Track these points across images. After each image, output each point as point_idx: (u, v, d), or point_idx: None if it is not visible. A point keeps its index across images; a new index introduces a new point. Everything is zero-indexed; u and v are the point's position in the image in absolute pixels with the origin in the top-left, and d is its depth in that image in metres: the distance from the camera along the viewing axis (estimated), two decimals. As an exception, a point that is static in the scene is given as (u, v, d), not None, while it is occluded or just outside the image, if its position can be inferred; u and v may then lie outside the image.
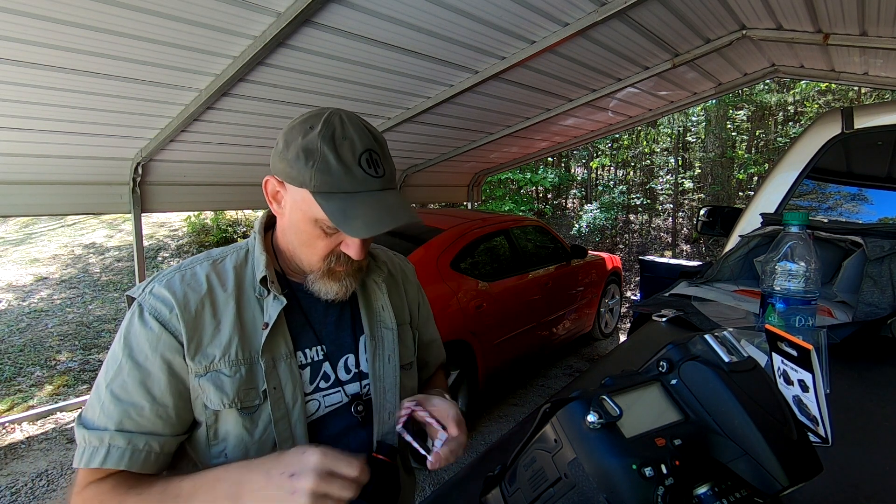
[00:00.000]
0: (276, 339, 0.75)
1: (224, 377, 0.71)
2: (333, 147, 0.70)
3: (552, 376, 4.36)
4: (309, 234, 0.75)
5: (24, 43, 1.98)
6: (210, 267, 0.77)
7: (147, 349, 0.70)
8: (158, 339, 0.70)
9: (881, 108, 1.87)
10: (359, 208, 0.70)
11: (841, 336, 1.08)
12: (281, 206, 0.78)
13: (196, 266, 0.77)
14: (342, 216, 0.69)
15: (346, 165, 0.70)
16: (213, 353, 0.72)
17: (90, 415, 0.69)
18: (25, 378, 4.35)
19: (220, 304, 0.74)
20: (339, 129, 0.71)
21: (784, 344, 0.73)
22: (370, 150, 0.72)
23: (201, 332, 0.72)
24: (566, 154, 10.68)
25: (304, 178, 0.71)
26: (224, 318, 0.74)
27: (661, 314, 1.36)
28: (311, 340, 0.80)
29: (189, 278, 0.75)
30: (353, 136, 0.71)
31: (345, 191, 0.70)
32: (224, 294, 0.75)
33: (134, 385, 0.69)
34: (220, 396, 0.71)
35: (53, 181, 3.11)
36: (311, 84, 2.94)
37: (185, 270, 0.77)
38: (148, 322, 0.71)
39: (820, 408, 0.68)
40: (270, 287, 0.76)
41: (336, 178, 0.70)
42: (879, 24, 2.74)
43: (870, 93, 8.01)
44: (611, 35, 3.15)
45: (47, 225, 9.78)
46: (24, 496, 2.68)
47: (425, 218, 3.89)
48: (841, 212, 1.93)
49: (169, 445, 0.71)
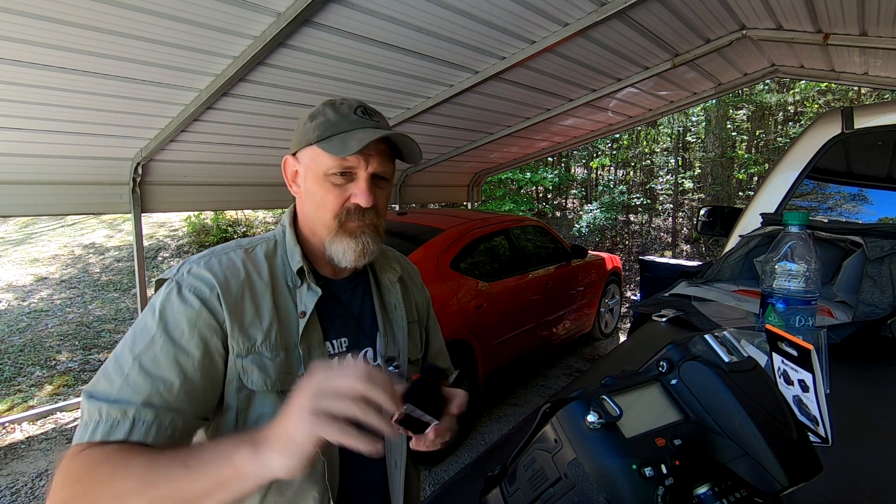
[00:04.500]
0: (311, 328, 0.79)
1: (266, 360, 0.73)
2: (333, 106, 0.81)
3: (552, 376, 4.36)
4: (321, 194, 0.79)
5: (24, 43, 1.98)
6: (244, 254, 0.79)
7: (185, 325, 0.69)
8: (198, 316, 0.70)
9: (881, 108, 1.87)
10: (355, 135, 0.77)
11: (841, 336, 1.08)
12: (297, 184, 0.85)
13: (230, 253, 0.79)
14: (341, 145, 0.76)
15: (343, 115, 0.79)
16: (255, 335, 0.73)
17: (106, 388, 0.66)
18: (25, 378, 4.35)
19: (258, 291, 0.77)
20: (339, 98, 0.83)
21: (784, 344, 0.73)
22: (364, 106, 0.82)
23: (242, 314, 0.73)
24: (566, 154, 10.68)
25: (309, 136, 0.79)
26: (263, 304, 0.76)
27: (661, 314, 1.36)
28: (337, 332, 0.84)
29: (227, 263, 0.77)
30: (351, 99, 0.82)
31: (343, 130, 0.78)
32: (261, 282, 0.78)
33: (167, 360, 0.67)
34: (264, 378, 0.72)
35: (53, 181, 3.11)
36: (311, 84, 2.94)
37: (220, 256, 0.78)
38: (188, 299, 0.71)
39: (820, 408, 0.68)
40: (307, 278, 0.80)
41: (334, 123, 0.79)
42: (879, 24, 2.74)
43: (870, 93, 8.00)
44: (611, 35, 3.15)
45: (47, 225, 9.78)
46: (24, 496, 2.68)
47: (425, 218, 3.89)
48: (841, 212, 1.93)
49: (191, 427, 0.70)
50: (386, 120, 0.85)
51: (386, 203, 0.86)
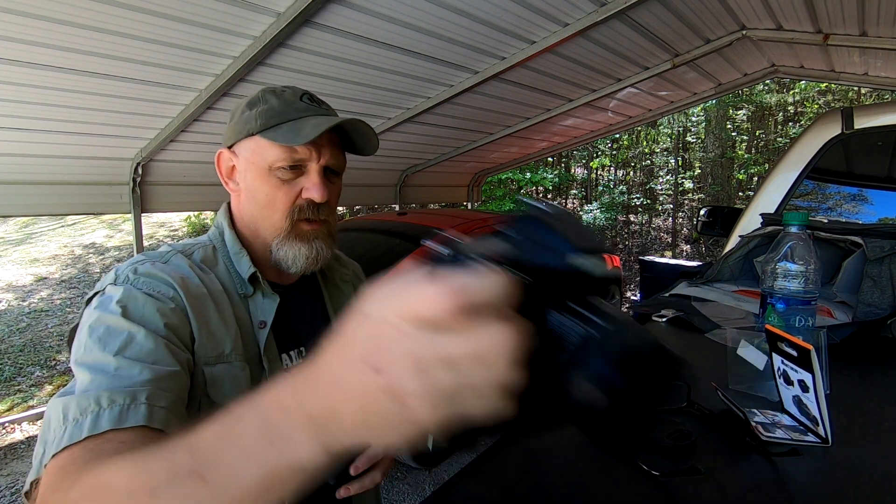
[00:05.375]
0: (269, 339, 0.72)
1: (238, 371, 0.67)
2: (275, 93, 0.72)
3: (552, 376, 4.36)
4: (266, 191, 0.71)
5: (24, 43, 1.98)
6: (184, 260, 0.70)
7: (157, 318, 0.60)
8: (168, 308, 0.62)
9: (881, 109, 1.87)
10: (308, 122, 0.69)
11: (841, 336, 1.08)
12: (235, 181, 0.77)
13: (171, 257, 0.69)
14: (292, 133, 0.68)
15: (288, 102, 0.71)
16: (223, 343, 0.66)
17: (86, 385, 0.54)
18: (25, 378, 4.35)
19: (217, 298, 0.69)
20: (279, 86, 0.74)
21: (784, 344, 0.73)
22: (309, 93, 0.74)
23: (206, 318, 0.66)
24: (566, 154, 10.68)
25: (250, 126, 0.71)
26: (225, 312, 0.69)
27: (661, 314, 1.36)
28: (294, 342, 0.77)
29: (174, 266, 0.67)
30: (294, 87, 0.74)
31: (290, 118, 0.70)
32: (216, 288, 0.69)
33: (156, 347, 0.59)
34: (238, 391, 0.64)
35: (53, 181, 3.11)
36: (310, 84, 2.94)
37: (161, 258, 0.69)
38: (151, 293, 0.62)
39: (820, 408, 0.68)
40: (263, 285, 0.73)
41: (279, 111, 0.70)
42: (879, 24, 2.74)
43: (870, 93, 8.01)
44: (611, 35, 3.15)
45: (47, 225, 9.78)
46: (24, 496, 2.68)
47: (425, 218, 3.89)
48: (841, 212, 1.93)
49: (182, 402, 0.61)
50: (333, 110, 0.77)
51: (337, 199, 0.78)
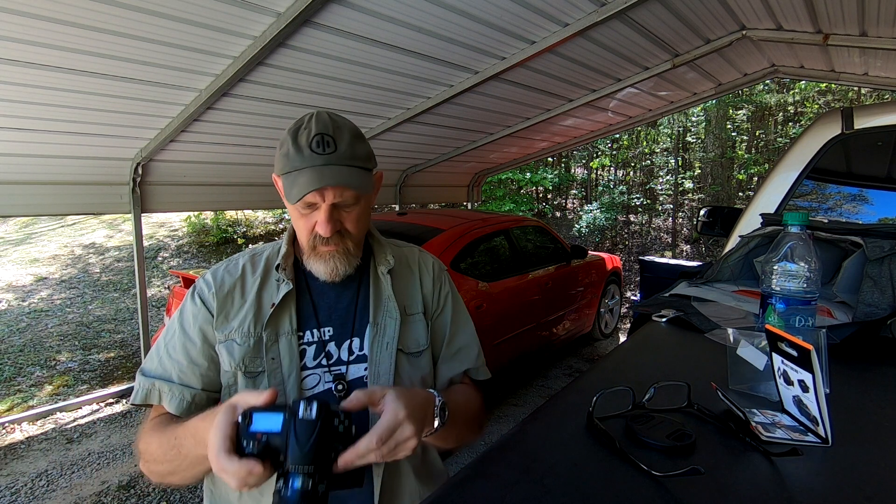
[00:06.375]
0: (282, 317, 0.87)
1: (235, 345, 0.85)
2: (294, 135, 0.80)
3: (552, 376, 4.36)
4: (294, 218, 0.87)
5: (24, 43, 1.98)
6: (249, 257, 0.94)
7: (191, 320, 0.87)
8: (199, 312, 0.87)
9: (881, 109, 1.87)
10: (300, 178, 0.78)
11: (841, 336, 1.08)
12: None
13: (240, 257, 0.94)
14: (289, 188, 0.80)
15: (298, 147, 0.79)
16: (232, 325, 0.86)
17: (149, 365, 0.87)
18: (25, 378, 4.35)
19: (247, 286, 0.89)
20: (304, 121, 0.81)
21: (784, 344, 0.73)
22: (322, 134, 0.79)
23: (228, 308, 0.87)
24: (566, 154, 10.68)
25: (276, 166, 0.84)
26: (248, 297, 0.88)
27: (661, 314, 1.36)
28: (319, 322, 0.90)
29: (231, 266, 0.92)
30: (312, 125, 0.80)
31: (295, 168, 0.79)
32: (252, 278, 0.90)
33: (179, 347, 0.86)
34: (230, 361, 0.84)
35: (53, 181, 3.12)
36: (311, 84, 2.94)
37: (231, 261, 0.94)
38: (195, 299, 0.88)
39: (820, 408, 0.68)
40: (282, 273, 0.89)
41: (290, 158, 0.80)
42: (879, 24, 2.74)
43: (870, 93, 8.01)
44: (611, 35, 3.15)
45: (47, 225, 9.78)
46: (23, 496, 2.68)
47: (425, 218, 3.89)
48: (841, 212, 1.93)
49: (200, 398, 0.85)
50: (352, 144, 0.81)
51: (356, 221, 0.86)
